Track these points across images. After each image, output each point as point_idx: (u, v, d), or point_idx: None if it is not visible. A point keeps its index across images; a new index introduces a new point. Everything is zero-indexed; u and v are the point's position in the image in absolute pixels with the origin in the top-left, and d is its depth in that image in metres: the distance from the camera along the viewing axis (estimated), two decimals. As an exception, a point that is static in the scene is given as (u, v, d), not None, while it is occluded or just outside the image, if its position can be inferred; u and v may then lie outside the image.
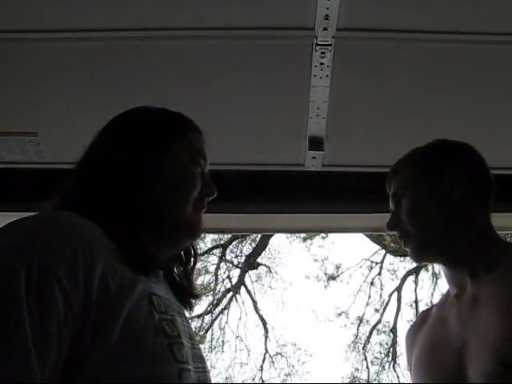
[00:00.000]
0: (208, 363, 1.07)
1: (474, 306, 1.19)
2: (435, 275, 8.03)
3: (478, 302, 1.18)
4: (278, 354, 8.36)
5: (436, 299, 8.00)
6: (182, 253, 1.15)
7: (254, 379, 8.13)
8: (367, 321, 8.34)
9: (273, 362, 8.26)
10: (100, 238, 0.90)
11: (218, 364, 8.13)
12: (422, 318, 1.38)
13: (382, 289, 8.27)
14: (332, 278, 8.56)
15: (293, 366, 8.40)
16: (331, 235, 8.41)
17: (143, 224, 0.99)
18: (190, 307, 1.10)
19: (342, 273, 8.53)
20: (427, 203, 1.29)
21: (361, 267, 8.34)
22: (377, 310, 8.33)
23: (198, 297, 1.15)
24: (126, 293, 0.86)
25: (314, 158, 1.91)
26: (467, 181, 1.30)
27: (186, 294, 1.11)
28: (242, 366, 8.15)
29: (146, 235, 0.99)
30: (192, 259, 1.17)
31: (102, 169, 1.03)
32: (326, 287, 8.57)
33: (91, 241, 0.87)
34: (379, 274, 8.25)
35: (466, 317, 1.20)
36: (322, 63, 1.64)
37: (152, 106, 1.17)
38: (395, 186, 1.34)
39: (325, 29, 1.55)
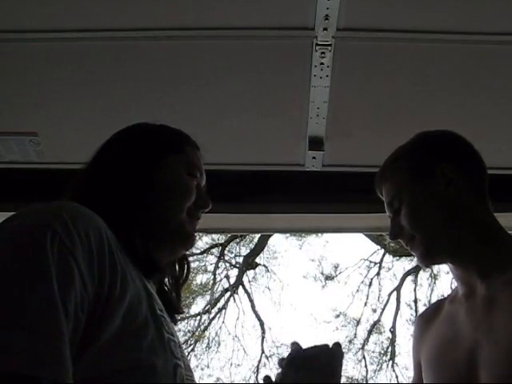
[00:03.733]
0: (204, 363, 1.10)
1: (487, 308, 1.16)
2: (434, 276, 8.04)
3: (494, 305, 1.15)
4: (274, 354, 8.35)
5: (435, 299, 8.01)
6: (177, 264, 1.19)
7: (248, 380, 8.12)
8: (366, 320, 8.35)
9: (269, 362, 8.26)
10: (108, 229, 0.93)
11: (213, 364, 8.15)
12: (435, 309, 1.35)
13: (380, 289, 8.28)
14: (330, 278, 8.56)
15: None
16: (327, 234, 8.40)
17: (140, 230, 1.02)
18: (173, 321, 1.11)
19: (340, 273, 8.53)
20: (425, 205, 1.24)
21: (359, 267, 8.34)
22: (374, 310, 8.33)
23: (182, 313, 1.17)
24: (128, 284, 0.89)
25: (314, 158, 1.91)
26: (461, 173, 1.25)
27: (172, 308, 1.12)
28: (236, 367, 8.15)
29: (143, 241, 1.02)
30: (185, 272, 1.20)
31: (104, 178, 1.08)
32: (323, 287, 8.57)
33: (102, 228, 0.90)
34: (378, 273, 8.25)
35: (479, 319, 1.17)
36: (322, 63, 1.64)
37: (153, 123, 1.21)
38: (388, 194, 1.29)
39: (325, 29, 1.55)
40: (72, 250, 0.81)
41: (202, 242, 7.76)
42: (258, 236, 7.84)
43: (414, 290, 8.13)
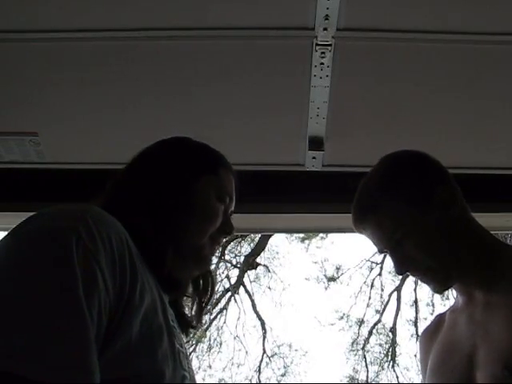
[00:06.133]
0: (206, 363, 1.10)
1: (484, 312, 1.18)
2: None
3: (489, 309, 1.16)
4: (275, 354, 8.36)
5: (436, 299, 8.02)
6: (201, 281, 1.19)
7: (250, 380, 8.12)
8: (368, 320, 8.35)
9: (270, 362, 8.26)
10: (128, 236, 0.92)
11: (215, 364, 8.15)
12: (437, 323, 1.36)
13: (382, 289, 8.28)
14: (332, 279, 8.55)
15: (290, 367, 8.40)
16: (330, 236, 8.41)
17: (158, 243, 1.02)
18: (186, 334, 1.12)
19: (342, 274, 8.53)
20: (435, 231, 1.21)
21: (361, 268, 8.34)
22: (377, 311, 8.34)
23: (195, 328, 1.17)
24: (146, 291, 0.90)
25: (314, 157, 1.90)
26: (453, 190, 1.26)
27: (184, 321, 1.13)
28: (239, 367, 8.15)
29: (160, 254, 1.02)
30: (209, 290, 1.19)
31: (136, 187, 1.08)
32: (326, 289, 8.57)
33: (123, 234, 0.90)
34: (379, 274, 8.25)
35: (477, 323, 1.19)
36: (322, 63, 1.64)
37: (193, 139, 1.21)
38: (386, 229, 1.24)
39: (325, 29, 1.55)
40: (95, 254, 0.81)
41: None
42: (258, 236, 7.84)
43: (415, 291, 8.14)
